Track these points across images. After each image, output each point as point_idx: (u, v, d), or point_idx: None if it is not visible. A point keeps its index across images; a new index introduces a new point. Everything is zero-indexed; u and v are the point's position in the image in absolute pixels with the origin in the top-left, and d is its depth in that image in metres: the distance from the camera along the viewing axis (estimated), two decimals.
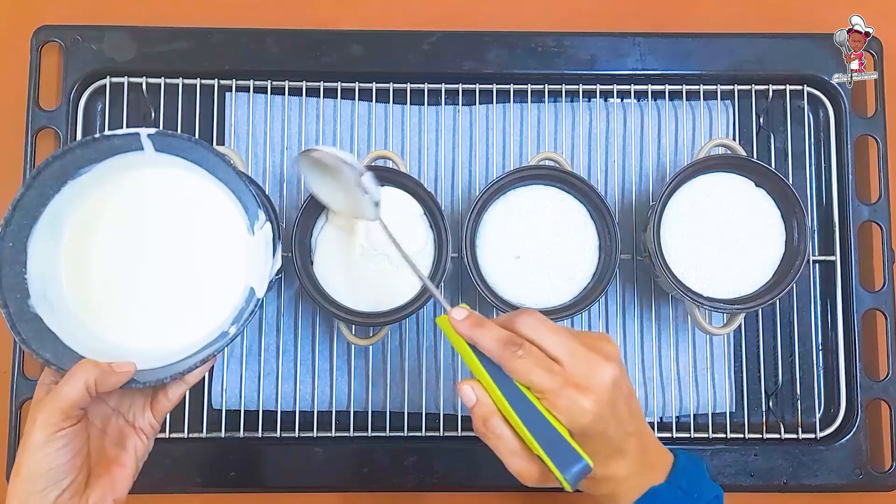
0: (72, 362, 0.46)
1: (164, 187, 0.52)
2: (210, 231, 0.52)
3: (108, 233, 0.51)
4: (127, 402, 0.49)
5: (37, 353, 0.46)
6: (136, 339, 0.50)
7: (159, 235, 0.52)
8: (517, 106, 0.68)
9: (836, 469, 0.64)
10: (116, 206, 0.51)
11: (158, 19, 0.68)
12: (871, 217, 0.66)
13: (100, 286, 0.51)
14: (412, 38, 0.67)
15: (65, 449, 0.43)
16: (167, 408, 0.49)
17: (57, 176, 0.49)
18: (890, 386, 0.65)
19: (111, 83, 0.66)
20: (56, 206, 0.49)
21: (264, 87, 0.67)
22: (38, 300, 0.48)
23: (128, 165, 0.50)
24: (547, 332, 0.45)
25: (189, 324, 0.51)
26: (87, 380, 0.44)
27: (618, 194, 0.67)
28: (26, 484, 0.43)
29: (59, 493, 0.43)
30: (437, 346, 0.66)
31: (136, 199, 0.52)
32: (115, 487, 0.46)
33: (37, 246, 0.48)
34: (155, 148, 0.50)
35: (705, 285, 0.61)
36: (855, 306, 0.66)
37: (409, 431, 0.64)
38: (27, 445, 0.43)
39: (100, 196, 0.51)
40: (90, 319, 0.50)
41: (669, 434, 0.65)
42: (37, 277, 0.48)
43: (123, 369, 0.45)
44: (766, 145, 0.68)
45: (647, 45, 0.68)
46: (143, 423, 0.49)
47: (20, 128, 0.65)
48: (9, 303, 0.47)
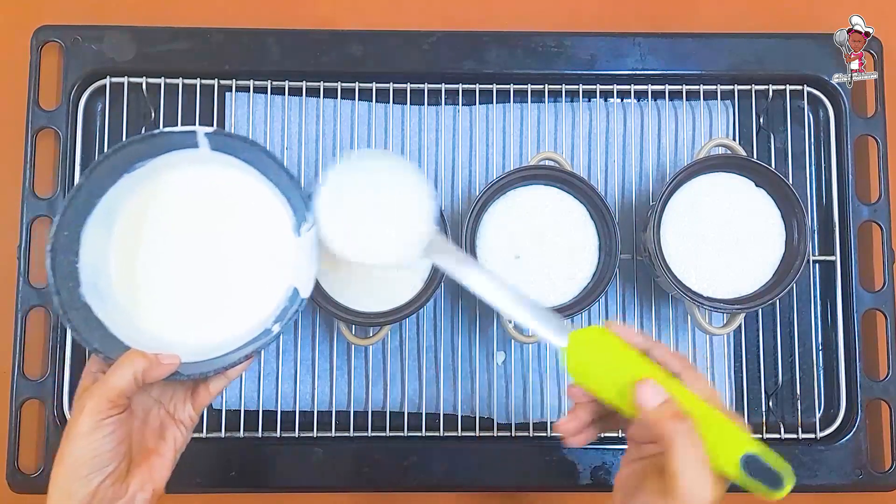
0: (118, 352, 0.47)
1: (215, 185, 0.53)
2: (257, 230, 0.53)
3: (157, 226, 0.52)
4: (168, 394, 0.50)
5: (86, 342, 0.47)
6: (179, 331, 0.51)
7: (207, 231, 0.52)
8: (517, 106, 0.68)
9: (836, 469, 0.64)
10: (168, 201, 0.52)
11: (158, 19, 0.68)
12: (871, 217, 0.66)
13: (147, 278, 0.52)
14: (412, 38, 0.67)
15: (110, 436, 0.44)
16: (207, 401, 0.50)
17: (114, 168, 0.50)
18: (890, 386, 0.65)
19: (111, 83, 0.66)
20: (110, 198, 0.50)
21: (264, 87, 0.67)
22: (89, 289, 0.49)
23: (182, 162, 0.51)
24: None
25: (232, 320, 0.52)
26: (135, 370, 0.45)
27: (618, 194, 0.67)
28: (71, 469, 0.44)
29: (101, 479, 0.44)
30: (437, 347, 0.66)
31: (187, 195, 0.52)
32: (154, 477, 0.47)
33: (90, 236, 0.49)
34: (210, 146, 0.51)
35: (705, 285, 0.61)
36: (855, 306, 0.66)
37: (409, 431, 0.64)
38: (73, 432, 0.44)
39: (152, 190, 0.52)
40: (136, 310, 0.51)
41: None
42: (88, 267, 0.49)
43: (169, 361, 0.47)
44: (766, 145, 0.68)
45: (647, 45, 0.68)
46: (182, 414, 0.50)
47: (20, 128, 0.65)
48: (61, 290, 0.48)
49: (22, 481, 0.62)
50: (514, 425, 0.65)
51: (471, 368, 0.66)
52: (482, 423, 0.65)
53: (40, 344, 0.65)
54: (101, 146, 0.66)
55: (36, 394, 0.63)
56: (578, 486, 0.64)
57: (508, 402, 0.66)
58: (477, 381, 0.65)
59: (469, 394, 0.66)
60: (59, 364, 0.63)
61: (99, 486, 0.44)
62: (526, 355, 0.66)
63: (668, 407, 0.41)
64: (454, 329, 0.66)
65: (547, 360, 0.66)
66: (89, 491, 0.44)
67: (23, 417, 0.63)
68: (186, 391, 0.50)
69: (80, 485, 0.44)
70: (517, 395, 0.66)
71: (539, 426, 0.65)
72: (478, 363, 0.66)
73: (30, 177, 0.65)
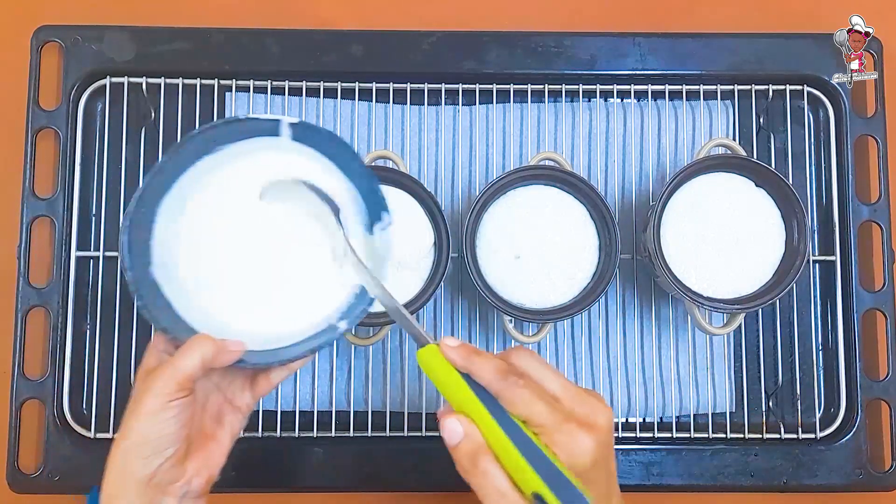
0: (185, 333, 0.47)
1: (291, 176, 0.52)
2: (329, 228, 0.52)
3: (230, 212, 0.52)
4: (227, 380, 0.50)
5: (154, 320, 0.47)
6: (244, 319, 0.51)
7: (278, 221, 0.52)
8: (517, 106, 0.68)
9: (836, 469, 0.64)
10: (242, 187, 0.52)
11: (158, 19, 0.68)
12: (871, 217, 0.66)
13: (215, 263, 0.51)
14: (412, 38, 0.67)
15: (174, 419, 0.44)
16: (267, 391, 0.50)
17: (196, 149, 0.50)
18: (890, 386, 0.65)
19: (111, 83, 0.66)
20: (187, 179, 0.50)
21: (264, 87, 0.67)
22: (158, 268, 0.49)
23: (261, 149, 0.51)
24: (545, 369, 0.44)
25: (295, 312, 0.51)
26: (203, 354, 0.45)
27: (618, 194, 0.67)
28: (132, 448, 0.44)
29: (161, 461, 0.44)
30: None
31: (262, 183, 0.52)
32: (210, 463, 0.47)
33: (164, 214, 0.49)
34: (292, 137, 0.51)
35: (705, 285, 0.61)
36: (855, 306, 0.66)
37: (409, 431, 0.64)
38: (139, 411, 0.44)
39: (229, 175, 0.52)
40: (202, 294, 0.51)
41: (669, 434, 0.65)
42: (159, 245, 0.49)
43: (235, 348, 0.47)
44: (766, 145, 0.68)
45: (647, 45, 0.68)
46: (240, 402, 0.50)
47: (20, 128, 0.65)
48: (133, 267, 0.48)
49: (22, 481, 0.62)
50: None
51: None
52: None
53: (40, 344, 0.65)
54: (101, 146, 0.66)
55: (36, 394, 0.63)
56: None
57: None
58: None
59: None
60: (59, 364, 0.63)
61: (159, 467, 0.44)
62: None
63: (463, 445, 0.42)
64: (454, 329, 0.66)
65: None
66: (149, 472, 0.44)
67: (23, 417, 0.63)
68: (245, 379, 0.50)
69: (141, 465, 0.43)
70: None
71: None
72: None
73: (30, 177, 0.65)
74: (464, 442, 0.42)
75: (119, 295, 0.65)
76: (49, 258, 0.65)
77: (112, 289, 0.65)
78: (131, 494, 0.43)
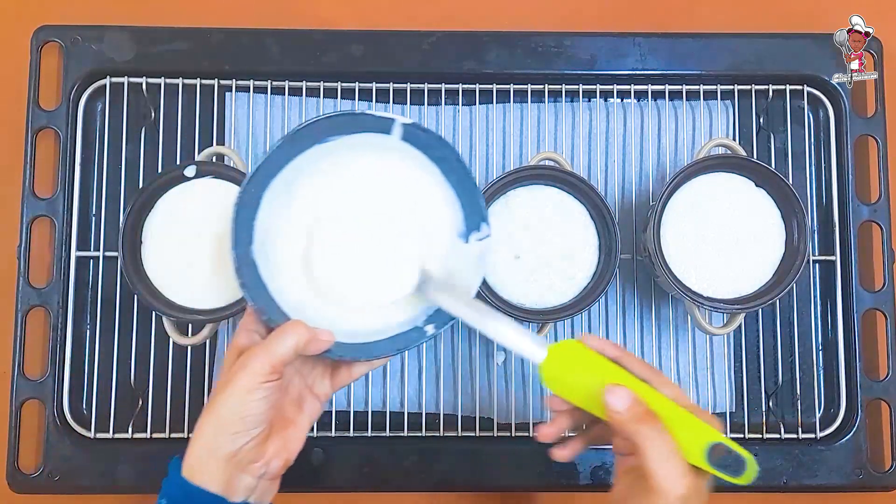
0: (277, 316, 0.48)
1: (396, 176, 0.53)
2: (423, 227, 0.53)
3: (331, 203, 0.52)
4: (309, 367, 0.51)
5: (252, 299, 0.48)
6: (331, 309, 0.51)
7: (376, 219, 0.53)
8: (517, 106, 0.68)
9: (836, 469, 0.64)
10: (345, 181, 0.52)
11: (158, 19, 0.68)
12: (871, 217, 0.66)
13: (309, 252, 0.52)
14: (412, 38, 0.67)
15: (263, 400, 0.45)
16: (347, 382, 0.52)
17: (307, 138, 0.51)
18: (890, 386, 0.65)
19: (111, 83, 0.66)
20: (295, 166, 0.51)
21: (264, 87, 0.67)
22: (259, 249, 0.50)
23: (369, 145, 0.52)
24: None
25: (383, 310, 0.52)
26: (297, 340, 0.46)
27: (618, 194, 0.67)
28: (221, 424, 0.45)
29: (246, 440, 0.45)
30: (437, 347, 0.66)
31: (367, 181, 0.53)
32: (289, 447, 0.48)
33: (268, 198, 0.50)
34: (402, 136, 0.51)
35: (705, 285, 0.61)
36: (855, 306, 0.66)
37: (409, 431, 0.64)
38: (232, 388, 0.45)
39: (335, 168, 0.52)
40: (295, 279, 0.51)
41: None
42: (261, 228, 0.50)
43: (326, 338, 0.48)
44: (766, 145, 0.68)
45: (647, 45, 0.68)
46: (320, 389, 0.51)
47: (20, 128, 0.65)
48: (238, 245, 0.48)
49: (22, 481, 0.62)
50: (514, 425, 0.65)
51: (471, 368, 0.66)
52: (482, 423, 0.65)
53: (40, 344, 0.65)
54: (101, 146, 0.66)
55: (36, 394, 0.63)
56: (578, 485, 0.64)
57: (508, 402, 0.66)
58: (477, 381, 0.65)
59: (469, 394, 0.66)
60: (59, 364, 0.63)
61: (243, 446, 0.45)
62: None
63: (635, 409, 0.44)
64: (454, 329, 0.66)
65: None
66: (233, 449, 0.44)
67: (23, 417, 0.63)
68: (326, 368, 0.51)
69: (227, 441, 0.44)
70: (517, 395, 0.66)
71: None
72: (478, 363, 0.66)
73: (30, 177, 0.65)
74: (634, 405, 0.44)
75: (119, 295, 0.65)
76: (49, 258, 0.66)
77: (112, 289, 0.65)
78: (214, 469, 0.44)
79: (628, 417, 0.44)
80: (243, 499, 0.46)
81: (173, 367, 0.65)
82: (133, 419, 0.64)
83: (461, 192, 0.52)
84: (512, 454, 0.64)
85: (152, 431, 0.64)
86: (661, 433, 0.43)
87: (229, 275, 0.56)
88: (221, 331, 0.66)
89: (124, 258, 0.58)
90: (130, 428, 0.64)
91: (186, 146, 0.66)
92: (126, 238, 0.58)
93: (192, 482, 0.44)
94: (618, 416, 0.44)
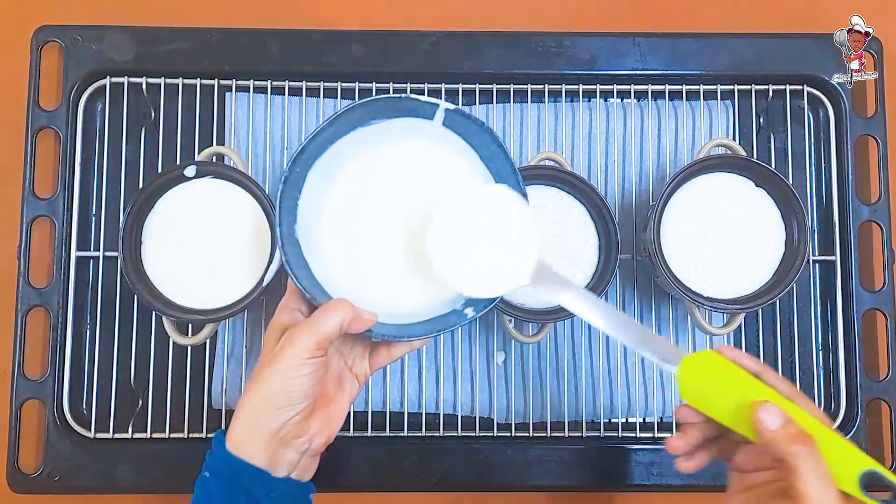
0: (319, 294, 0.49)
1: (437, 161, 0.53)
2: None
3: (373, 187, 0.53)
4: (348, 346, 0.52)
5: (295, 277, 0.48)
6: (372, 289, 0.52)
7: (416, 202, 0.53)
8: (517, 106, 0.68)
9: None
10: (387, 165, 0.53)
11: (158, 19, 0.68)
12: (871, 217, 0.66)
13: (354, 232, 0.53)
14: (412, 38, 0.67)
15: (308, 376, 0.46)
16: (386, 363, 0.53)
17: (353, 120, 0.51)
18: (890, 386, 0.65)
19: (111, 83, 0.66)
20: (339, 147, 0.52)
21: (264, 87, 0.67)
22: (301, 228, 0.50)
23: (411, 130, 0.53)
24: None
25: (421, 291, 0.52)
26: (342, 318, 0.46)
27: (618, 194, 0.67)
28: (266, 398, 0.45)
29: (291, 415, 0.46)
30: (437, 346, 0.66)
31: (409, 165, 0.53)
32: (331, 424, 0.49)
33: (313, 178, 0.51)
34: (443, 122, 0.52)
35: (705, 285, 0.61)
36: (855, 306, 0.65)
37: (409, 431, 0.64)
38: (278, 363, 0.45)
39: (376, 150, 0.53)
40: (338, 259, 0.52)
41: (669, 434, 0.65)
42: (305, 206, 0.51)
43: (369, 317, 0.48)
44: (766, 145, 0.68)
45: (647, 45, 0.67)
46: (359, 369, 0.52)
47: (20, 128, 0.65)
48: (283, 223, 0.49)
49: (22, 481, 0.62)
50: (514, 425, 0.65)
51: (471, 368, 0.66)
52: (482, 423, 0.65)
53: (40, 344, 0.65)
54: (101, 146, 0.66)
55: (36, 394, 0.63)
56: (578, 485, 0.64)
57: (508, 402, 0.66)
58: (477, 381, 0.65)
59: (469, 394, 0.66)
60: (59, 364, 0.63)
61: (288, 420, 0.46)
62: (526, 355, 0.66)
63: (789, 428, 0.42)
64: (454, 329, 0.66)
65: (547, 361, 0.66)
66: (278, 424, 0.45)
67: (23, 417, 0.63)
68: (365, 348, 0.52)
69: (272, 416, 0.45)
70: (517, 395, 0.66)
71: (539, 426, 0.65)
72: (478, 363, 0.66)
73: (30, 177, 0.65)
74: (789, 425, 0.42)
75: (119, 295, 0.65)
76: (49, 258, 0.66)
77: (112, 289, 0.65)
78: (259, 443, 0.45)
79: (781, 436, 0.42)
80: (286, 473, 0.47)
81: (173, 367, 0.65)
82: (133, 419, 0.64)
83: (501, 180, 0.53)
84: (512, 454, 0.64)
85: (152, 431, 0.64)
86: (816, 456, 0.41)
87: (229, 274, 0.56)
88: (221, 331, 0.66)
89: (124, 258, 0.58)
90: (130, 428, 0.64)
91: (186, 146, 0.66)
92: (126, 238, 0.58)
93: (237, 455, 0.45)
94: (771, 435, 0.42)
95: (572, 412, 0.66)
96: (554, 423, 0.65)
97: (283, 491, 0.47)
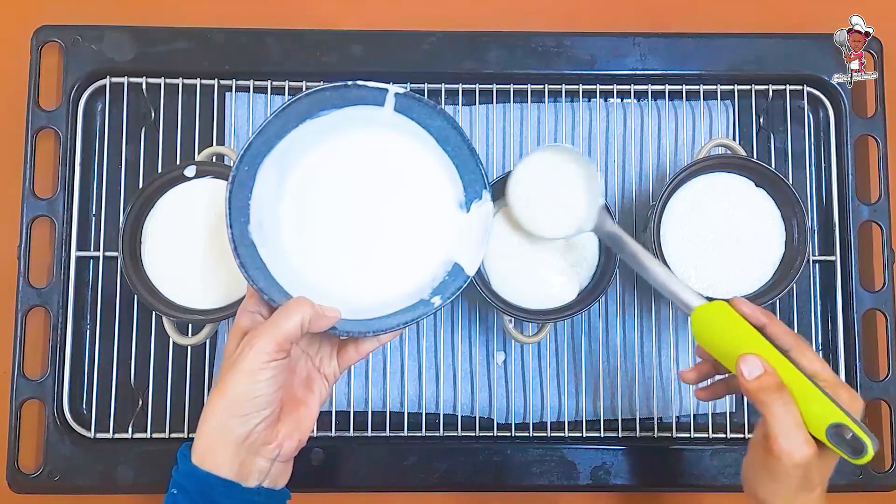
0: (279, 295, 0.47)
1: (391, 148, 0.53)
2: (422, 199, 0.53)
3: (327, 180, 0.52)
4: (315, 346, 0.50)
5: (252, 280, 0.47)
6: (334, 285, 0.51)
7: (374, 193, 0.53)
8: (517, 106, 0.68)
9: (836, 469, 0.64)
10: (341, 157, 0.52)
11: (158, 19, 0.68)
12: (871, 217, 0.66)
13: (311, 230, 0.52)
14: (412, 38, 0.67)
15: (271, 380, 0.44)
16: (355, 360, 0.51)
17: (300, 112, 0.50)
18: (890, 386, 0.65)
19: (111, 83, 0.66)
20: (289, 141, 0.50)
21: (264, 87, 0.67)
22: (255, 228, 0.49)
23: (362, 118, 0.52)
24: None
25: (387, 283, 0.52)
26: (303, 317, 0.45)
27: (618, 194, 0.67)
28: (231, 405, 0.44)
29: (258, 422, 0.44)
30: (437, 346, 0.66)
31: (361, 155, 0.53)
32: (301, 427, 0.47)
33: (264, 175, 0.50)
34: (395, 107, 0.51)
35: (705, 285, 0.61)
36: (855, 306, 0.66)
37: (409, 431, 0.64)
38: (239, 368, 0.44)
39: (328, 143, 0.52)
40: (296, 258, 0.51)
41: (669, 434, 0.65)
42: (258, 205, 0.49)
43: (332, 314, 0.47)
44: (766, 145, 0.68)
45: (647, 45, 0.68)
46: (328, 369, 0.50)
47: (20, 128, 0.65)
48: (234, 224, 0.48)
49: (22, 481, 0.62)
50: (514, 425, 0.65)
51: (471, 368, 0.66)
52: (482, 423, 0.65)
53: (40, 344, 0.65)
54: (101, 146, 0.66)
55: (36, 394, 0.63)
56: (578, 486, 0.64)
57: (508, 402, 0.66)
58: (477, 381, 0.66)
59: (469, 394, 0.66)
60: (59, 364, 0.63)
61: (254, 427, 0.44)
62: (526, 355, 0.66)
63: (765, 378, 0.45)
64: (454, 329, 0.66)
65: (547, 361, 0.66)
66: (245, 431, 0.44)
67: (23, 417, 0.63)
68: (333, 346, 0.51)
69: (238, 423, 0.44)
70: (517, 395, 0.66)
71: (539, 426, 0.65)
72: (478, 363, 0.66)
73: (30, 177, 0.65)
74: (765, 376, 0.46)
75: (119, 295, 0.65)
76: (49, 258, 0.66)
77: (112, 289, 0.65)
78: (226, 454, 0.44)
79: (756, 387, 0.45)
80: (257, 483, 0.45)
81: (173, 367, 0.65)
82: (133, 419, 0.64)
83: (459, 163, 0.52)
84: (512, 454, 0.64)
85: (152, 431, 0.64)
86: (786, 405, 0.44)
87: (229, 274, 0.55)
88: (221, 331, 0.66)
89: (124, 258, 0.58)
90: (130, 428, 0.64)
91: (186, 146, 0.66)
92: (126, 238, 0.58)
93: (204, 468, 0.44)
94: (747, 385, 0.46)
95: (572, 412, 0.66)
96: (554, 423, 0.65)
97: (254, 501, 0.45)
